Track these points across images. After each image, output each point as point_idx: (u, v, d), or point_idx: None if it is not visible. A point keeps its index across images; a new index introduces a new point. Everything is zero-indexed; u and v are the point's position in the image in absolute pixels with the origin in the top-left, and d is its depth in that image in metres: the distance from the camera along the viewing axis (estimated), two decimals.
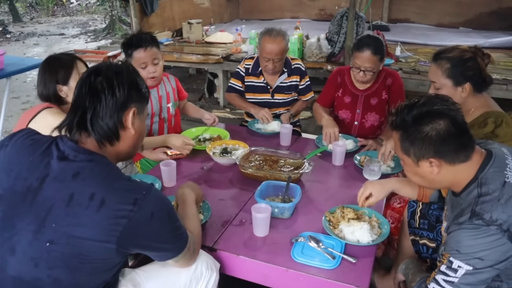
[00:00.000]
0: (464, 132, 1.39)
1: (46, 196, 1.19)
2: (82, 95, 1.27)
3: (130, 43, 2.49)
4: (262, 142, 2.60)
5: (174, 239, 1.33)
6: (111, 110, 1.26)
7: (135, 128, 1.34)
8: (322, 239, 1.67)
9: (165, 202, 1.29)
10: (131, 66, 1.42)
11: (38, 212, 1.18)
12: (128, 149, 1.38)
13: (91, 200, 1.16)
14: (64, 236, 1.16)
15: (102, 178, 1.21)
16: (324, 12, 8.53)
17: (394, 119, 1.46)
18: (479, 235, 1.27)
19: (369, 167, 2.13)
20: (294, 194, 1.93)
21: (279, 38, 2.81)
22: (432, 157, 1.39)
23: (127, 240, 1.18)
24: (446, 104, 1.40)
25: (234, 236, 1.74)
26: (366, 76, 2.63)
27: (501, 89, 4.29)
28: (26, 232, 1.18)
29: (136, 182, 1.26)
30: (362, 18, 4.86)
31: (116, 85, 1.27)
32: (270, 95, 3.06)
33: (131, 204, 1.17)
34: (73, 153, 1.24)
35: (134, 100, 1.32)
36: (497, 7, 7.15)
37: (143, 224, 1.19)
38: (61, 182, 1.19)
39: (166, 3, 6.82)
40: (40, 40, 11.72)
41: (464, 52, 1.96)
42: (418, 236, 1.91)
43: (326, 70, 4.93)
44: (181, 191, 1.73)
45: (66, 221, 1.16)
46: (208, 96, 6.06)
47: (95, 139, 1.28)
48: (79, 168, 1.21)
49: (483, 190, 1.35)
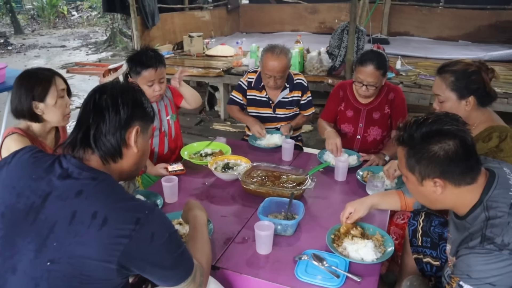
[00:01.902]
0: (472, 154, 1.37)
1: (48, 215, 1.17)
2: (87, 112, 1.27)
3: (140, 62, 2.47)
4: (264, 157, 2.59)
5: (175, 265, 1.26)
6: (114, 128, 1.26)
7: (138, 147, 1.34)
8: (326, 257, 1.65)
9: (167, 224, 1.26)
10: (137, 85, 1.42)
11: (40, 231, 1.16)
12: (131, 167, 1.37)
13: (94, 218, 1.14)
14: (66, 255, 1.13)
15: (105, 197, 1.19)
16: (324, 25, 8.60)
17: (402, 134, 1.44)
18: (491, 260, 1.24)
19: (372, 183, 2.12)
20: (297, 210, 1.92)
21: (281, 55, 2.81)
22: (437, 177, 1.38)
23: (128, 260, 1.15)
24: (456, 124, 1.38)
25: (237, 254, 1.72)
26: (369, 90, 2.63)
27: (502, 103, 4.30)
28: (28, 251, 1.16)
29: (139, 202, 1.24)
30: (363, 32, 4.88)
31: (121, 103, 1.27)
32: (272, 109, 3.06)
33: (133, 224, 1.15)
34: (77, 171, 1.22)
35: (138, 119, 1.32)
36: (495, 21, 7.22)
37: (144, 244, 1.17)
38: (64, 200, 1.18)
39: (167, 16, 6.87)
40: (41, 52, 11.78)
41: (469, 65, 1.97)
42: (421, 254, 1.89)
43: (327, 84, 4.95)
44: (193, 214, 1.67)
45: (68, 239, 1.14)
46: (209, 109, 6.07)
47: (99, 156, 1.27)
48: (82, 186, 1.19)
49: (491, 213, 1.32)
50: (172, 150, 2.80)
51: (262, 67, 2.90)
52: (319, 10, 8.60)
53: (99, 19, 16.57)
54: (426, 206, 1.72)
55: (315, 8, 8.63)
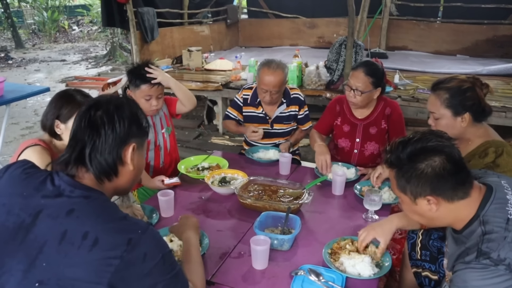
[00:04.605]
0: (461, 168, 1.37)
1: (38, 234, 1.13)
2: (81, 129, 1.23)
3: (140, 75, 2.47)
4: (261, 171, 2.58)
5: (169, 285, 1.20)
6: (110, 146, 1.23)
7: (134, 164, 1.31)
8: (322, 272, 1.63)
9: (161, 244, 1.21)
10: (132, 100, 1.40)
11: (29, 251, 1.12)
12: (126, 184, 1.34)
13: (84, 239, 1.09)
14: (55, 276, 1.09)
15: (97, 216, 1.15)
16: (322, 39, 8.67)
17: (389, 156, 1.44)
18: (487, 275, 1.23)
19: (369, 197, 2.11)
20: (293, 225, 1.90)
21: (278, 70, 2.81)
22: (429, 195, 1.37)
23: (119, 282, 1.09)
24: (440, 140, 1.38)
25: (233, 268, 1.70)
26: (356, 96, 2.63)
27: (500, 117, 4.30)
28: (16, 271, 1.11)
29: (132, 221, 1.19)
30: (361, 46, 4.91)
31: (117, 119, 1.24)
32: (269, 125, 3.06)
33: (125, 244, 1.10)
34: (69, 188, 1.19)
35: (134, 135, 1.29)
36: (492, 35, 7.28)
37: (135, 265, 1.12)
38: (55, 219, 1.14)
39: (167, 30, 6.92)
40: (42, 66, 11.84)
41: (463, 82, 1.96)
42: (420, 268, 1.87)
43: (325, 98, 4.96)
44: (186, 236, 1.66)
45: (57, 260, 1.09)
46: (208, 123, 6.07)
47: (93, 175, 1.24)
48: (74, 205, 1.16)
49: (487, 228, 1.31)
50: (168, 163, 2.79)
51: (258, 81, 2.90)
52: (317, 24, 8.67)
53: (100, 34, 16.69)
54: (426, 225, 1.71)
55: (313, 23, 8.70)
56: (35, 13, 18.15)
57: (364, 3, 6.22)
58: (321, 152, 2.59)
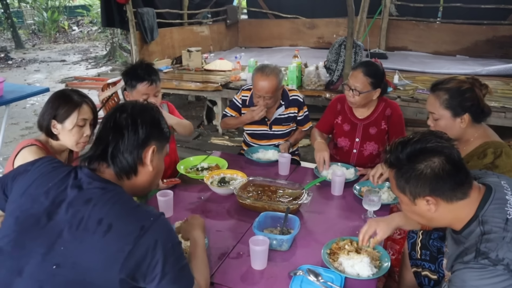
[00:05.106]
0: (460, 169, 1.37)
1: (58, 221, 1.22)
2: (106, 130, 1.35)
3: (135, 75, 2.48)
4: (260, 172, 2.58)
5: (176, 278, 1.25)
6: (132, 146, 1.33)
7: (153, 165, 1.40)
8: (321, 273, 1.63)
9: (172, 234, 1.28)
10: (156, 106, 1.48)
11: (49, 235, 1.21)
12: (144, 184, 1.42)
13: (99, 225, 1.18)
14: (70, 260, 1.18)
15: (112, 204, 1.23)
16: (322, 40, 8.67)
17: (388, 157, 1.44)
18: (485, 275, 1.23)
19: (368, 198, 2.11)
20: (292, 225, 1.90)
21: (271, 76, 2.77)
22: (428, 195, 1.37)
23: (130, 267, 1.17)
24: (440, 141, 1.38)
25: (231, 269, 1.70)
26: (354, 96, 2.64)
27: (499, 117, 4.30)
28: (36, 254, 1.20)
29: (145, 209, 1.27)
30: (360, 46, 4.91)
31: (140, 122, 1.35)
32: (268, 127, 3.06)
33: (138, 230, 1.19)
34: (88, 180, 1.28)
35: (154, 138, 1.39)
36: (492, 36, 7.27)
37: (146, 251, 1.18)
38: (74, 207, 1.23)
39: (166, 31, 6.92)
40: (41, 66, 11.84)
41: (462, 83, 1.96)
42: (420, 268, 1.88)
43: (325, 98, 4.96)
44: (195, 235, 1.70)
45: (74, 245, 1.19)
46: (207, 123, 6.07)
47: (114, 171, 1.34)
48: (92, 195, 1.25)
49: (486, 228, 1.31)
50: (167, 164, 2.78)
51: (253, 86, 2.90)
52: (317, 25, 8.67)
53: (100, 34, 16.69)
54: (425, 225, 1.71)
55: (313, 23, 8.70)
56: (35, 13, 18.16)
57: (363, 3, 6.21)
58: (320, 149, 2.61)
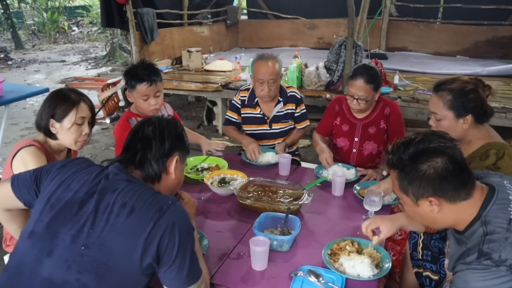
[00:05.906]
0: (463, 169, 1.36)
1: (89, 207, 1.34)
2: (135, 140, 1.49)
3: (135, 76, 2.46)
4: (261, 172, 2.58)
5: (188, 263, 1.35)
6: (158, 155, 1.47)
7: (176, 174, 1.53)
8: (322, 274, 1.63)
9: (187, 218, 1.39)
10: (179, 122, 1.62)
11: (79, 219, 1.33)
12: (166, 191, 1.50)
13: (123, 208, 1.32)
14: (98, 241, 1.29)
15: (134, 192, 1.36)
16: (322, 40, 8.66)
17: (391, 157, 1.43)
18: (488, 277, 1.21)
19: (369, 198, 2.10)
20: (293, 226, 1.90)
21: (272, 60, 2.86)
22: (431, 196, 1.36)
23: (150, 246, 1.28)
24: (443, 141, 1.37)
25: (232, 270, 1.69)
26: (360, 104, 2.63)
27: (500, 117, 4.30)
28: (66, 236, 1.31)
29: (164, 195, 1.40)
30: (360, 47, 4.90)
31: (166, 134, 1.49)
32: (268, 125, 3.05)
33: (157, 212, 1.31)
34: (116, 171, 1.42)
35: (178, 149, 1.52)
36: (492, 36, 7.27)
37: (165, 231, 1.30)
38: (102, 195, 1.36)
39: (166, 31, 6.91)
40: (41, 67, 11.84)
41: (466, 83, 1.94)
42: (421, 268, 1.87)
43: (325, 99, 4.96)
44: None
45: (101, 227, 1.30)
46: (207, 123, 6.07)
47: (141, 175, 1.47)
48: (118, 185, 1.38)
49: (489, 228, 1.30)
50: None
51: (254, 75, 2.89)
52: (317, 25, 8.66)
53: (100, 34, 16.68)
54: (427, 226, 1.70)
55: (313, 24, 8.70)
56: (35, 14, 18.16)
57: (364, 4, 6.21)
58: (323, 151, 2.65)
